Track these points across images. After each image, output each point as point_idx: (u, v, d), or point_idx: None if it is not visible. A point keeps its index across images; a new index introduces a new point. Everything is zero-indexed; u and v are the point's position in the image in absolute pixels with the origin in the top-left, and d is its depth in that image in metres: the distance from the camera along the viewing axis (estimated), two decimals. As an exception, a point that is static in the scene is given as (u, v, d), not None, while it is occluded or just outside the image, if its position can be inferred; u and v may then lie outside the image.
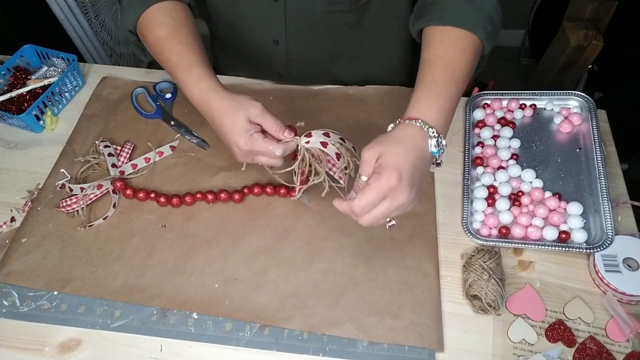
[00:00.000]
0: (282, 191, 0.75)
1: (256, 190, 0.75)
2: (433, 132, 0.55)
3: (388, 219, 0.56)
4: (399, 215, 0.55)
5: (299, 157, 0.65)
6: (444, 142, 0.56)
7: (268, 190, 0.75)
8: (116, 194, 0.76)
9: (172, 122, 0.85)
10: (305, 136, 0.64)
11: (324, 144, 0.63)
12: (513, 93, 0.86)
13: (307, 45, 0.85)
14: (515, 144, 0.81)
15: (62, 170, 0.79)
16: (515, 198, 0.75)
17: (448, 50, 0.62)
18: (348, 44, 0.86)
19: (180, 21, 0.71)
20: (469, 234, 0.71)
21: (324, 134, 0.64)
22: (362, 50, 0.88)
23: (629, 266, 0.67)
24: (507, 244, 0.70)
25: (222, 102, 0.63)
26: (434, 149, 0.55)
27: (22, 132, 0.86)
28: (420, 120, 0.55)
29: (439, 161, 0.59)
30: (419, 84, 0.60)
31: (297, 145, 0.64)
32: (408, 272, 0.68)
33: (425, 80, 0.60)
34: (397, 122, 0.58)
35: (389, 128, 0.59)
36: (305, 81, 0.89)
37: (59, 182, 0.77)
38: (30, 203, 0.76)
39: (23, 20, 1.48)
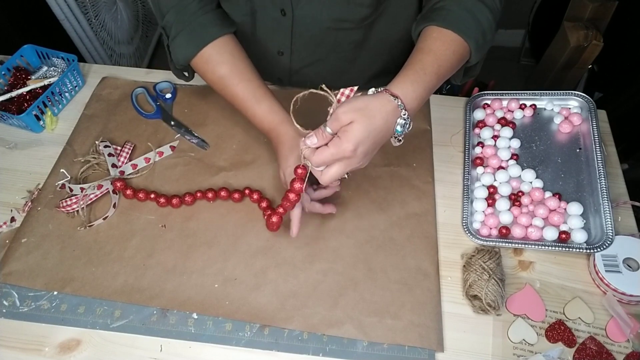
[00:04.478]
0: (269, 212, 0.71)
1: (255, 196, 0.75)
2: (405, 114, 0.60)
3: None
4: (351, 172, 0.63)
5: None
6: (409, 126, 0.62)
7: (263, 204, 0.74)
8: (116, 194, 0.76)
9: (172, 122, 0.85)
10: (341, 95, 0.61)
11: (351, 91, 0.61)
12: (513, 93, 0.86)
13: (310, 59, 0.86)
14: (515, 144, 0.81)
15: (62, 170, 0.79)
16: (515, 198, 0.75)
17: (441, 47, 0.66)
18: (351, 60, 0.86)
19: (237, 57, 0.76)
20: (469, 234, 0.71)
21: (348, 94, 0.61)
22: (364, 67, 0.88)
23: (629, 266, 0.67)
24: (507, 244, 0.70)
25: (288, 135, 0.71)
26: (398, 128, 0.61)
27: (22, 132, 0.86)
28: (399, 100, 0.60)
29: (400, 138, 0.63)
30: (409, 65, 0.64)
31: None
32: (408, 273, 0.68)
33: (416, 65, 0.64)
34: (379, 89, 0.62)
35: (370, 92, 0.62)
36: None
37: (59, 182, 0.77)
38: (30, 203, 0.76)
39: (23, 20, 1.48)
